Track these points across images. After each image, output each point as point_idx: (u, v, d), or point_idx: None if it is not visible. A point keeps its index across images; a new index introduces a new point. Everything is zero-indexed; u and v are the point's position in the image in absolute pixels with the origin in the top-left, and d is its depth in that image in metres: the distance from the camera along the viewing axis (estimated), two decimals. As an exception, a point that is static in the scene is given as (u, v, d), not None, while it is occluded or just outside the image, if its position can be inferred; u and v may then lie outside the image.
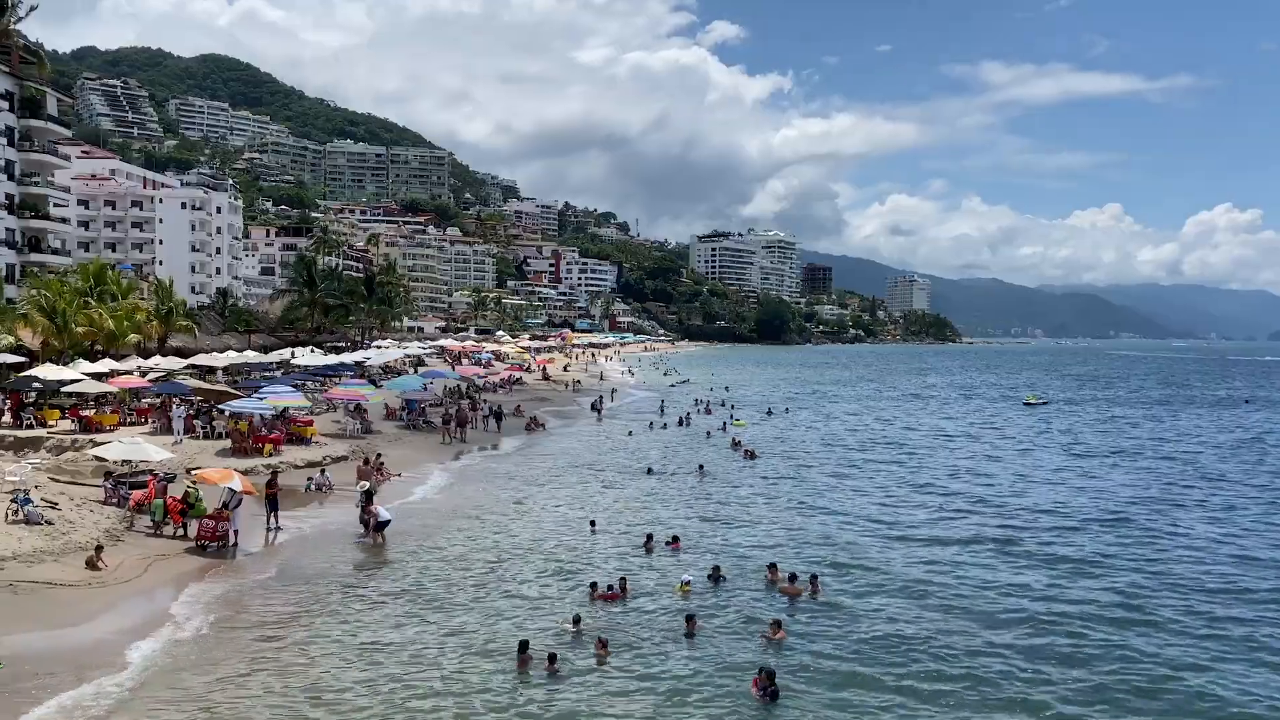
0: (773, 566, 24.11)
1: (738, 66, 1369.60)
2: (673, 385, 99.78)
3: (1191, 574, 25.24)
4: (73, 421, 42.15)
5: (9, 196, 78.96)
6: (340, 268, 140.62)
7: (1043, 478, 41.90)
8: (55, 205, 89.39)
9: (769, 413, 70.91)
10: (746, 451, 47.09)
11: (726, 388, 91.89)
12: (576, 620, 20.06)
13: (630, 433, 55.61)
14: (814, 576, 23.29)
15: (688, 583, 22.71)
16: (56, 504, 27.13)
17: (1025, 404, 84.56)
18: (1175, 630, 20.67)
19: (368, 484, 30.71)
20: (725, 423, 60.55)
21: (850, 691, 17.04)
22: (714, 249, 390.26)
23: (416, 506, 32.66)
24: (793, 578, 23.00)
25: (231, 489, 26.61)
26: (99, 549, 23.44)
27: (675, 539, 27.40)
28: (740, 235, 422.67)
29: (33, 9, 61.72)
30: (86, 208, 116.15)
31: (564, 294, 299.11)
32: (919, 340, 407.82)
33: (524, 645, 18.35)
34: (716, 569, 23.83)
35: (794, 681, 17.22)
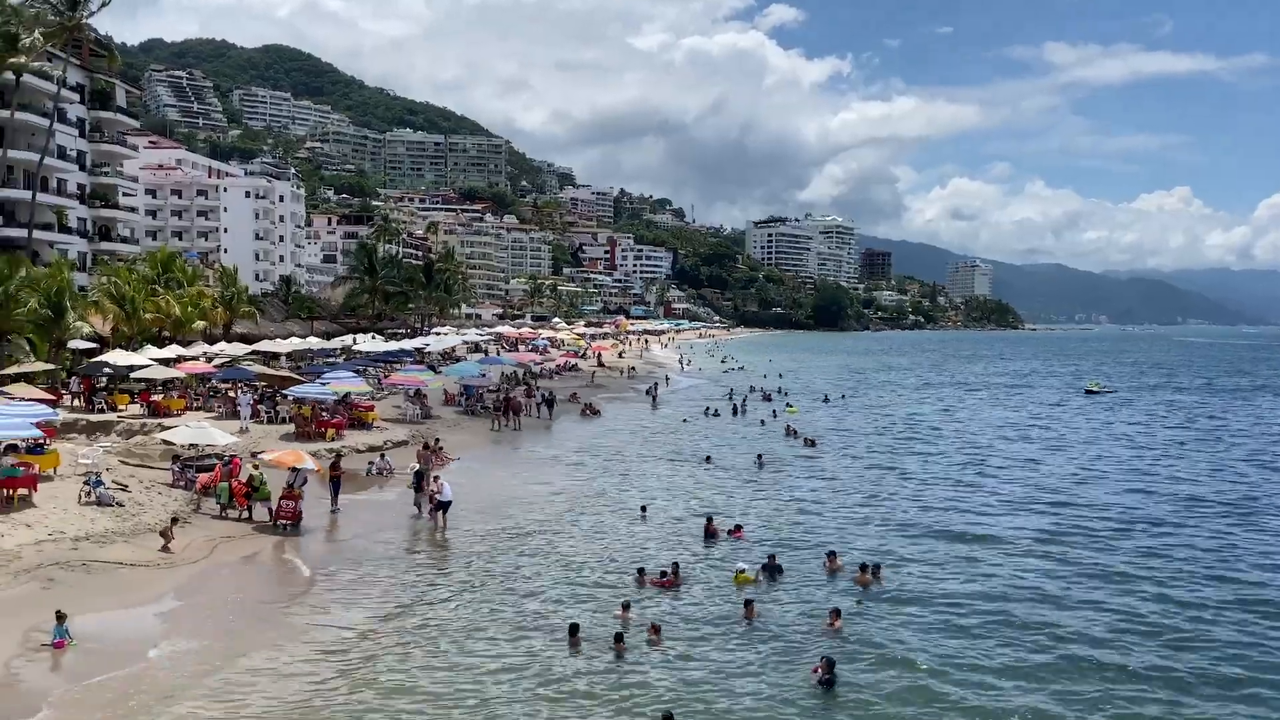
0: (831, 554, 24.00)
1: (796, 50, 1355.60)
2: (726, 372, 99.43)
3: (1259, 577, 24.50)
4: (142, 406, 43.27)
5: (80, 187, 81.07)
6: (400, 255, 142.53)
7: (1105, 468, 40.99)
8: (124, 195, 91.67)
9: (825, 399, 70.37)
10: (806, 439, 46.82)
11: (780, 375, 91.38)
12: (626, 606, 20.17)
13: (685, 420, 55.54)
14: (877, 566, 23.13)
15: (744, 571, 22.67)
16: (127, 486, 27.92)
17: (1087, 391, 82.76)
18: (1241, 627, 20.17)
19: (419, 465, 31.20)
20: (775, 410, 60.08)
21: (908, 682, 16.87)
22: (770, 235, 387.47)
23: (472, 490, 32.95)
24: (863, 567, 22.85)
25: (295, 469, 27.49)
26: (174, 520, 24.13)
27: (738, 527, 27.35)
28: (797, 220, 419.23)
29: (104, 4, 62.99)
30: (154, 197, 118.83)
31: (619, 281, 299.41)
32: (980, 327, 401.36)
33: (574, 628, 18.53)
34: (772, 558, 23.75)
35: (851, 672, 17.11)
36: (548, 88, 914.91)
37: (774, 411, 59.30)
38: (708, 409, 60.27)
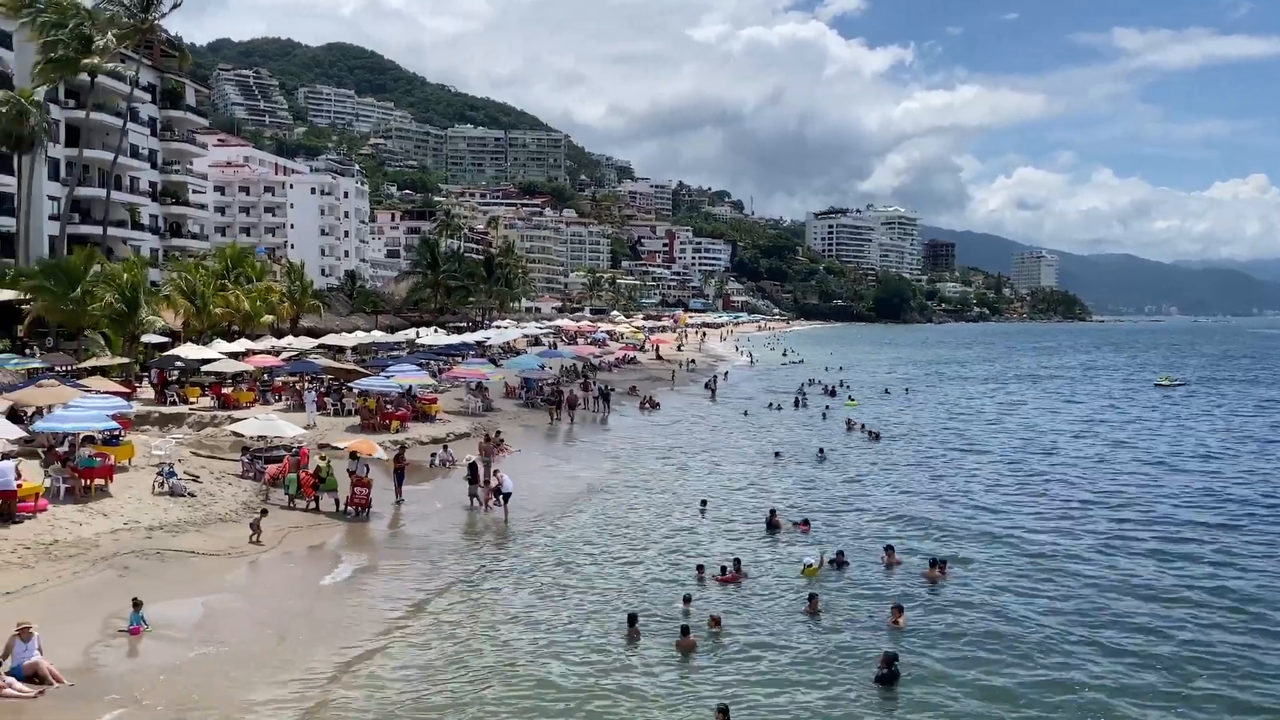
0: (889, 549, 23.75)
1: (857, 39, 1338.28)
2: (784, 364, 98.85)
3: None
4: (212, 398, 44.26)
5: (152, 184, 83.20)
6: (461, 250, 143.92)
7: (1177, 466, 39.84)
8: (194, 192, 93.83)
9: (886, 393, 69.55)
10: (870, 433, 46.32)
11: (841, 368, 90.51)
12: (687, 599, 20.19)
13: (746, 413, 55.26)
14: (943, 562, 22.83)
15: (810, 565, 22.50)
16: (198, 477, 28.59)
17: (1157, 385, 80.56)
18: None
19: (473, 458, 31.54)
20: (828, 405, 59.47)
21: (971, 678, 16.65)
22: (831, 226, 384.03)
23: (531, 482, 33.13)
24: (933, 563, 22.60)
25: (356, 456, 28.52)
26: (264, 512, 24.74)
27: (805, 521, 27.19)
28: (858, 211, 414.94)
29: (175, 5, 64.42)
30: (222, 194, 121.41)
31: (678, 274, 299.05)
32: (1046, 318, 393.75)
33: (633, 618, 18.61)
34: (840, 554, 23.55)
35: (913, 668, 16.91)
36: (605, 81, 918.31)
37: (827, 406, 58.69)
38: (771, 403, 59.90)
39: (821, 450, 40.71)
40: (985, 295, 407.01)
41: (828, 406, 58.25)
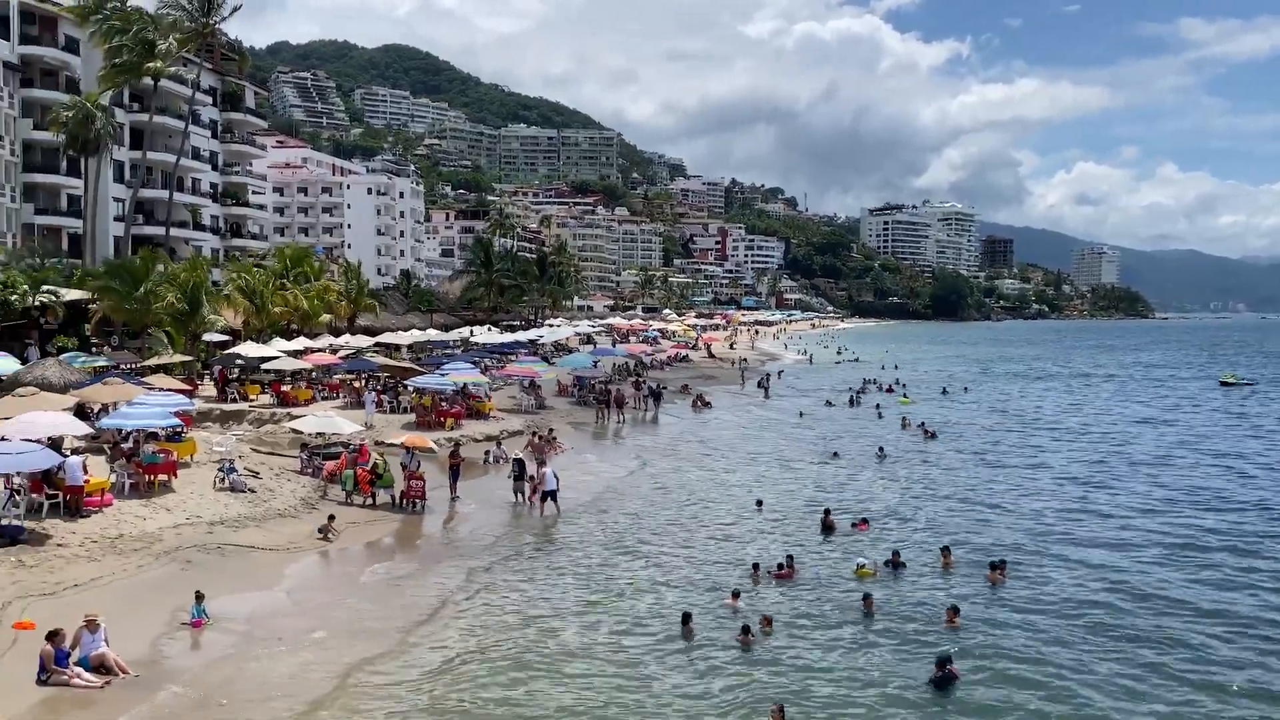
0: (945, 550, 23.40)
1: (913, 33, 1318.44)
2: (840, 363, 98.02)
3: None
4: (271, 396, 45.01)
5: (213, 186, 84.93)
6: (514, 249, 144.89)
7: (1242, 467, 38.56)
8: (253, 193, 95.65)
9: (944, 392, 68.54)
10: (926, 432, 45.72)
11: (897, 366, 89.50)
12: (736, 594, 20.15)
13: (801, 414, 54.64)
14: (1003, 564, 22.44)
15: (864, 565, 22.25)
16: (258, 473, 29.10)
17: (1221, 384, 78.35)
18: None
19: (520, 454, 31.69)
20: (879, 404, 58.77)
21: (1030, 682, 16.31)
22: (886, 222, 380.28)
23: (583, 480, 33.20)
24: (994, 565, 22.20)
25: (410, 451, 29.17)
26: (331, 518, 25.07)
27: (864, 520, 26.93)
28: (914, 207, 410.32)
29: (235, 9, 65.66)
30: (281, 194, 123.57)
31: (730, 271, 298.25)
32: (1107, 315, 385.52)
33: (687, 617, 18.54)
34: (896, 554, 23.27)
35: (970, 671, 16.62)
36: (657, 78, 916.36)
37: (878, 405, 58.06)
38: (828, 401, 59.36)
39: (881, 449, 40.23)
40: (1044, 292, 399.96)
41: (879, 405, 57.61)
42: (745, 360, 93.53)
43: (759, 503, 29.53)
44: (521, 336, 78.87)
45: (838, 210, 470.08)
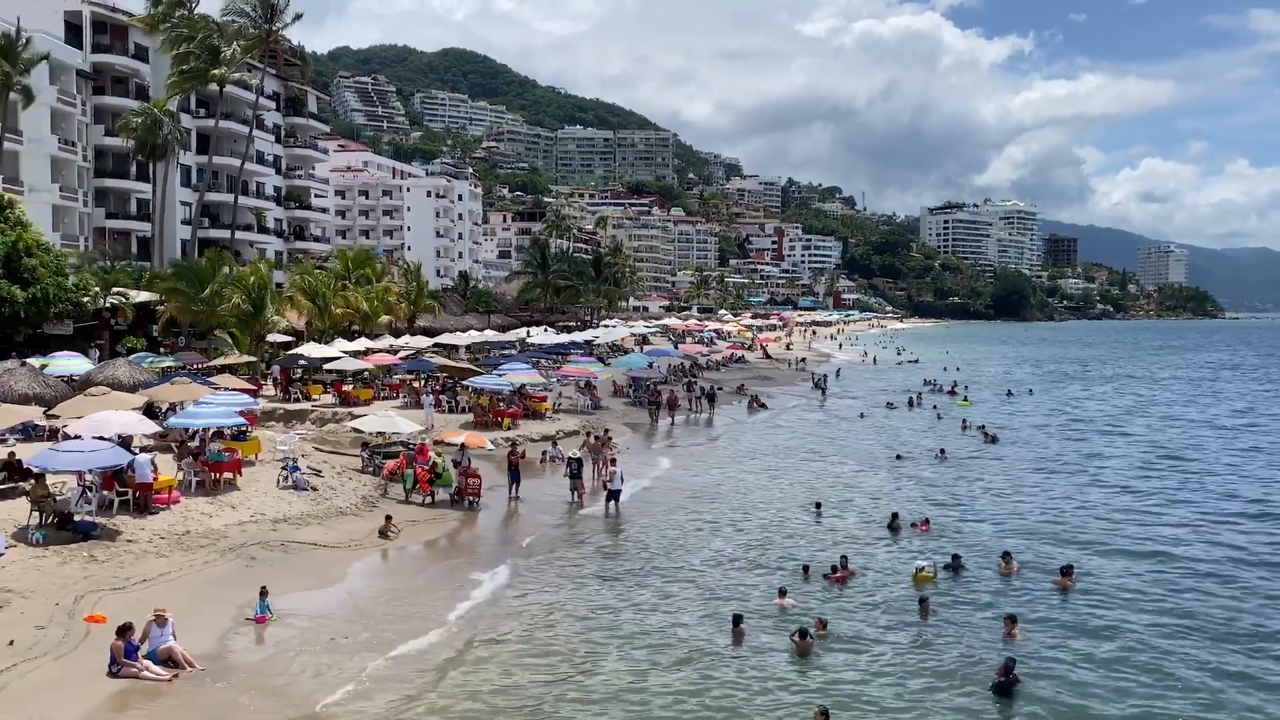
0: (1006, 556, 22.95)
1: (974, 30, 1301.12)
2: (899, 363, 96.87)
3: None
4: (333, 396, 45.69)
5: (277, 189, 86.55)
6: (570, 250, 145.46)
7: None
8: (315, 196, 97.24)
9: (1009, 394, 67.36)
10: (987, 435, 44.95)
11: (959, 368, 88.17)
12: (783, 592, 20.14)
13: (862, 415, 53.98)
14: (1069, 568, 21.94)
15: (923, 569, 21.93)
16: (320, 472, 29.54)
17: None
18: None
19: (577, 453, 31.80)
20: (936, 405, 57.94)
21: (1092, 691, 15.97)
22: (946, 221, 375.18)
23: (637, 481, 33.14)
24: (1064, 571, 21.75)
25: (464, 448, 30.01)
26: (389, 518, 25.33)
27: (925, 521, 26.59)
28: (975, 206, 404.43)
29: (297, 16, 66.83)
30: (343, 198, 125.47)
31: (787, 271, 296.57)
32: (1175, 315, 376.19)
33: (738, 619, 18.44)
34: (956, 557, 22.91)
35: (1034, 680, 16.27)
36: (713, 78, 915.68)
37: (935, 406, 57.23)
38: (889, 403, 58.75)
39: (942, 451, 39.66)
40: (1109, 292, 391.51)
41: (936, 406, 56.84)
42: (803, 361, 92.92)
43: (817, 506, 29.25)
44: (577, 337, 79.11)
45: (897, 209, 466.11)
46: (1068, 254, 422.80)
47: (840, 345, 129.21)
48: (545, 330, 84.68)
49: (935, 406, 56.54)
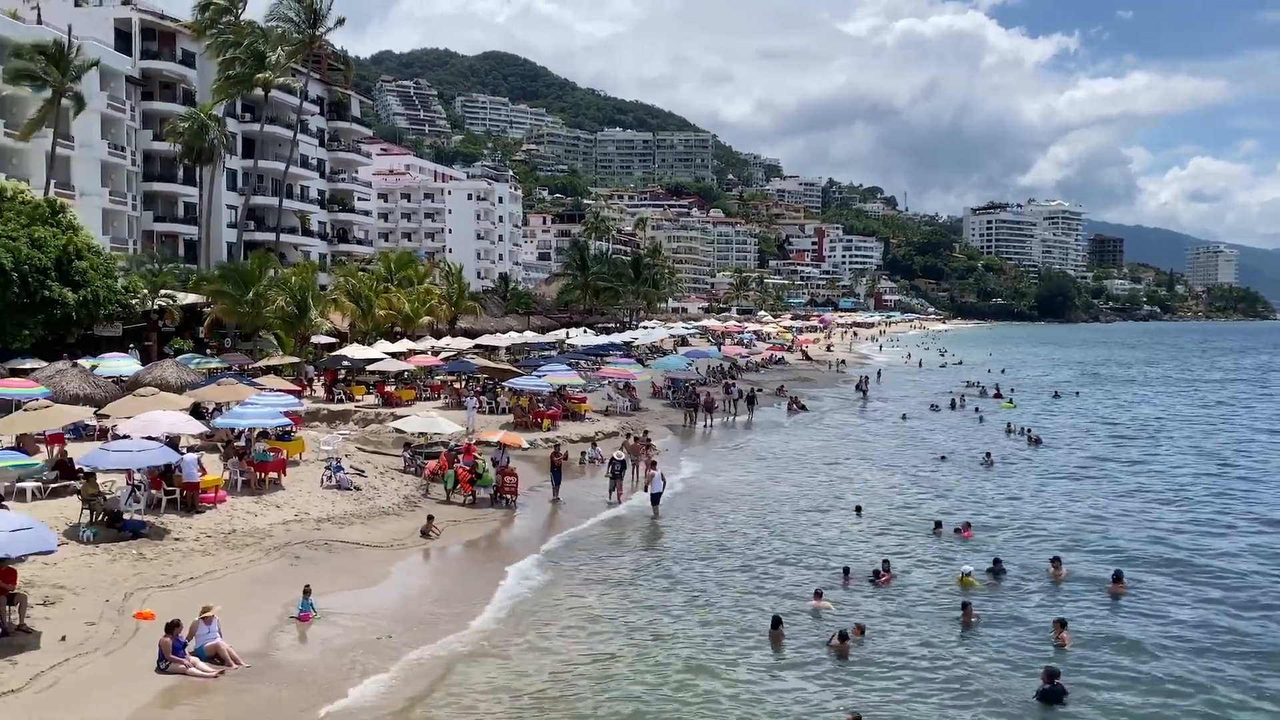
0: (1055, 561, 22.59)
1: (1018, 28, 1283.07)
2: (943, 365, 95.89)
3: None
4: (376, 396, 46.11)
5: (321, 193, 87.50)
6: (610, 251, 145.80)
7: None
8: (359, 199, 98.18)
9: (1056, 396, 66.41)
10: (1030, 438, 44.31)
11: (1004, 370, 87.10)
12: (819, 594, 20.02)
13: (904, 416, 53.50)
14: (1120, 574, 21.55)
15: (967, 574, 21.66)
16: (363, 471, 29.82)
17: None
18: None
19: (620, 455, 31.88)
20: (978, 407, 57.19)
21: (1142, 704, 15.66)
22: (989, 222, 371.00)
23: (675, 483, 33.04)
24: (1117, 577, 21.37)
25: (503, 447, 30.44)
26: (430, 518, 25.52)
27: (967, 526, 26.28)
28: (1018, 206, 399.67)
29: (340, 21, 67.56)
30: (385, 201, 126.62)
31: (827, 272, 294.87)
32: (1224, 317, 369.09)
33: (777, 621, 18.34)
34: (997, 561, 22.61)
35: (1082, 688, 15.99)
36: (753, 78, 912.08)
37: (977, 408, 56.52)
38: (933, 405, 58.22)
39: (988, 455, 39.14)
40: (1156, 293, 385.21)
41: (978, 408, 56.17)
42: (843, 363, 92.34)
43: (858, 509, 29.02)
44: (617, 338, 79.22)
45: (939, 209, 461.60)
46: (1114, 254, 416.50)
47: (881, 347, 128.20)
48: (584, 332, 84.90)
49: (977, 409, 55.92)
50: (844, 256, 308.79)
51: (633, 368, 56.48)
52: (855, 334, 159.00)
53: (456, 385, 48.63)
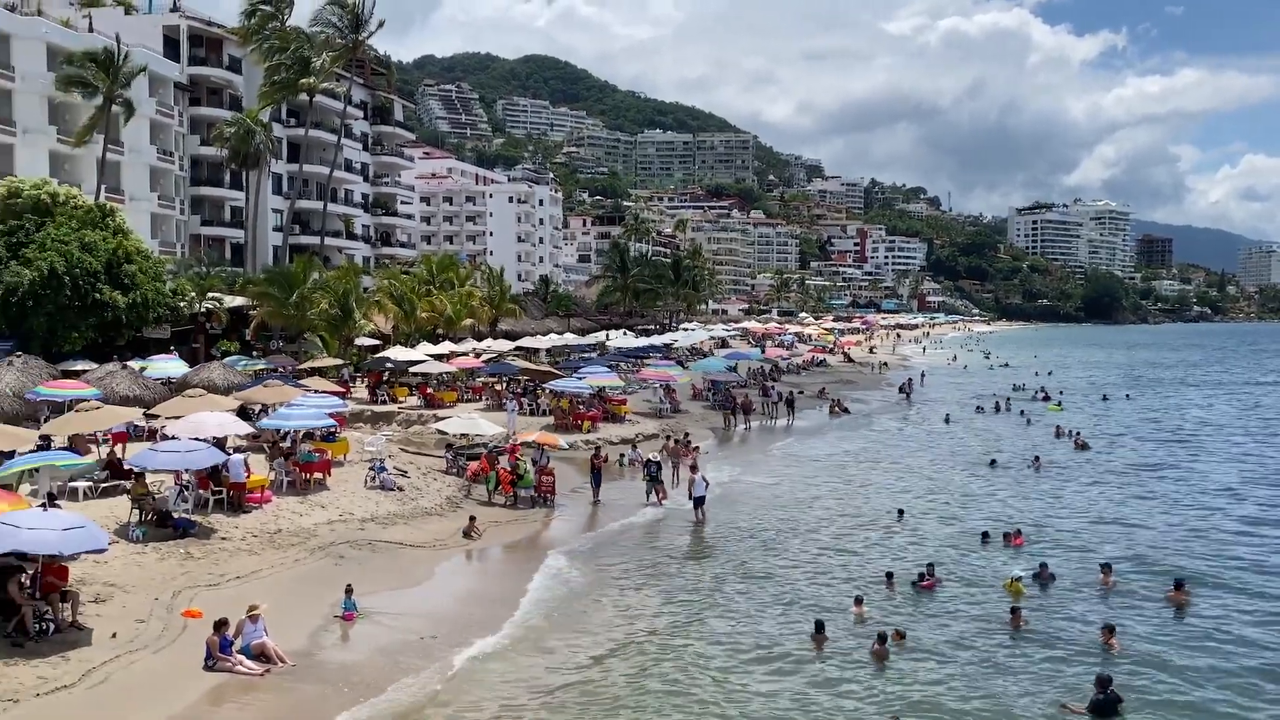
0: (1106, 568, 22.15)
1: (1063, 26, 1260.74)
2: (990, 367, 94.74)
3: None
4: (419, 398, 46.45)
5: (364, 196, 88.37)
6: (650, 253, 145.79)
7: None
8: (401, 203, 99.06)
9: (1104, 399, 65.33)
10: (1077, 442, 43.56)
11: (1050, 371, 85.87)
12: (859, 600, 19.80)
13: (948, 419, 52.93)
14: (1180, 582, 21.03)
15: (1018, 579, 21.29)
16: (406, 472, 30.03)
17: None
18: None
19: (655, 456, 31.88)
20: (1023, 409, 56.35)
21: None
22: (1035, 222, 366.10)
23: (717, 486, 32.83)
24: (1179, 585, 20.85)
25: (543, 448, 30.65)
26: (472, 519, 25.66)
27: (1018, 533, 25.87)
28: (1064, 206, 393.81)
29: (380, 24, 68.10)
30: (427, 204, 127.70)
31: (869, 274, 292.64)
32: (1277, 317, 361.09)
33: (820, 625, 18.18)
34: (1044, 566, 22.24)
35: (1134, 699, 15.65)
36: (795, 79, 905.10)
37: (1022, 410, 55.70)
38: (978, 407, 57.54)
39: (1037, 458, 38.52)
40: (1207, 293, 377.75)
41: (1024, 411, 55.37)
42: (885, 365, 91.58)
43: (900, 512, 28.70)
44: (656, 340, 79.19)
45: (983, 210, 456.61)
46: (1162, 255, 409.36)
47: (924, 349, 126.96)
48: (624, 333, 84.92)
49: (1023, 412, 55.15)
50: (887, 257, 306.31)
51: (673, 370, 56.39)
52: (898, 336, 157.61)
53: (498, 387, 48.86)
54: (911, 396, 64.74)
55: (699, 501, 28.03)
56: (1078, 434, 45.12)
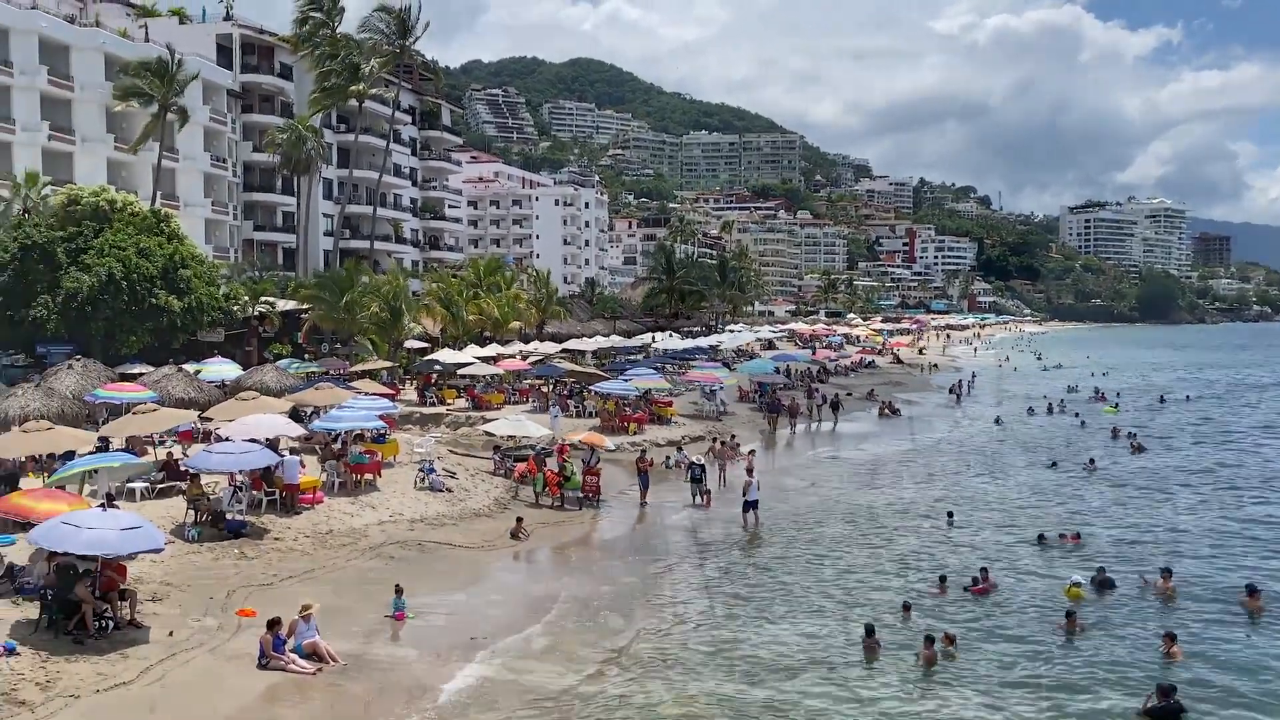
0: (1165, 572, 21.63)
1: (1116, 21, 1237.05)
2: (1044, 369, 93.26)
3: None
4: (467, 400, 46.77)
5: (413, 201, 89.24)
6: (695, 255, 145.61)
7: None
8: (449, 207, 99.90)
9: (1161, 400, 63.97)
10: (1133, 445, 42.68)
11: (1105, 373, 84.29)
12: (906, 607, 19.53)
13: (998, 421, 52.17)
14: (1253, 588, 20.41)
15: (1078, 584, 20.85)
16: (455, 474, 30.24)
17: None
18: None
19: (698, 458, 31.82)
20: (1077, 411, 55.31)
21: None
22: (1087, 221, 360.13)
23: (767, 488, 32.57)
24: (1252, 591, 20.24)
25: (592, 449, 30.77)
26: (520, 520, 25.76)
27: (1076, 534, 25.42)
28: (1118, 204, 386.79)
29: (426, 25, 68.68)
30: (474, 208, 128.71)
31: (918, 274, 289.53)
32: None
33: (870, 629, 17.98)
34: (1101, 570, 21.78)
35: (1197, 711, 15.24)
36: (841, 78, 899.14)
37: (1077, 413, 54.71)
38: (1030, 409, 56.70)
39: (1092, 460, 37.84)
40: (1267, 292, 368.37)
41: (1078, 413, 54.38)
42: (935, 366, 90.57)
43: (949, 515, 28.29)
44: (702, 342, 79.03)
45: (1034, 209, 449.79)
46: (1220, 253, 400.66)
47: (975, 350, 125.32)
48: (670, 335, 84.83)
49: (1077, 413, 54.19)
50: (936, 257, 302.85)
51: (719, 371, 56.21)
52: (949, 336, 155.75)
53: (544, 389, 49.04)
54: (962, 398, 63.93)
55: (751, 505, 27.56)
56: (1134, 436, 44.25)
